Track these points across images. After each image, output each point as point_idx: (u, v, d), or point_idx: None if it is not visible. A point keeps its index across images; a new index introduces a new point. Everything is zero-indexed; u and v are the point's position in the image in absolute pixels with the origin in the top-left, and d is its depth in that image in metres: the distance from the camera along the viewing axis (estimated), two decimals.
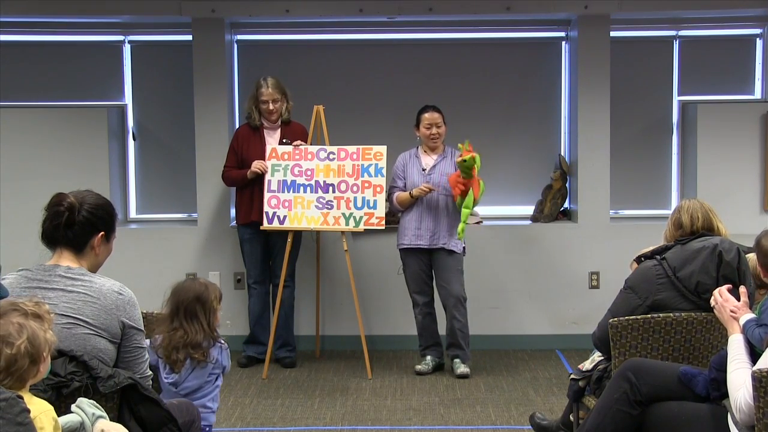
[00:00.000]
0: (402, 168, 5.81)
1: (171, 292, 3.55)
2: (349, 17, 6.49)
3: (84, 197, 2.95)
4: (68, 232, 2.90)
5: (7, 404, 2.13)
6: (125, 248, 6.43)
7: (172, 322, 3.49)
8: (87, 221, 2.92)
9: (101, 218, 2.96)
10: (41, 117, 6.49)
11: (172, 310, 3.51)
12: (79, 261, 2.93)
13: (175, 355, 3.45)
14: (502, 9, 6.32)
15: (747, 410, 2.97)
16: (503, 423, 4.88)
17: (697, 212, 3.81)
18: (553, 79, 6.76)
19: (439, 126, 5.74)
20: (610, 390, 3.47)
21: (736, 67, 6.72)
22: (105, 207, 2.99)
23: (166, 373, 3.48)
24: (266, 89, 5.87)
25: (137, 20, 6.58)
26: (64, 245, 2.92)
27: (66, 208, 2.89)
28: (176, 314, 3.50)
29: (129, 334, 2.90)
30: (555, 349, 6.38)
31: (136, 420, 2.78)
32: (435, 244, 5.69)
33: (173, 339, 3.46)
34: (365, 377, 5.74)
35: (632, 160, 6.70)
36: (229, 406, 5.18)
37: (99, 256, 3.00)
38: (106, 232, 2.99)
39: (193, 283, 3.58)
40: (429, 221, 5.69)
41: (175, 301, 3.52)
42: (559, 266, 6.46)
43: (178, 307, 3.50)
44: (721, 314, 3.38)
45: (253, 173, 5.81)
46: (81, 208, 2.91)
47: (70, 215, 2.89)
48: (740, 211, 6.26)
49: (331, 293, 6.46)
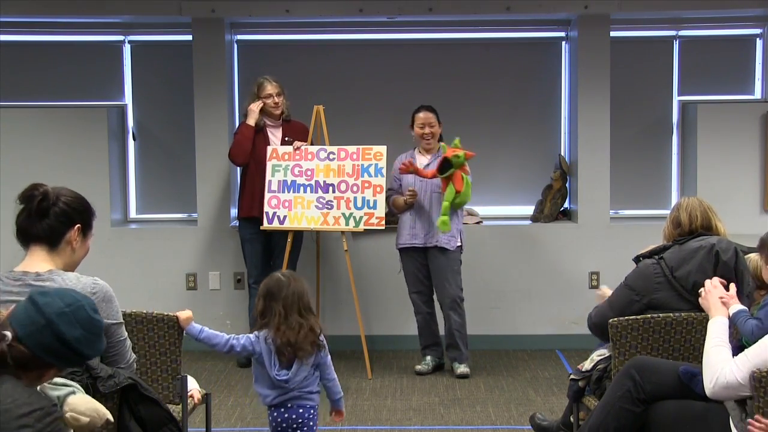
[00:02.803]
0: (398, 170, 5.82)
1: (279, 287, 3.50)
2: (349, 17, 6.49)
3: (60, 190, 2.82)
4: (43, 223, 2.76)
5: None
6: (125, 248, 6.45)
7: (299, 316, 3.48)
8: (63, 212, 2.77)
9: (77, 210, 2.82)
10: (41, 117, 6.49)
11: (293, 303, 3.48)
12: (53, 258, 2.79)
13: (306, 347, 3.46)
14: (502, 9, 6.32)
15: (735, 385, 3.07)
16: (503, 423, 4.88)
17: (696, 211, 3.81)
18: (553, 79, 6.77)
19: (432, 126, 5.73)
20: (613, 388, 3.47)
21: (736, 67, 6.72)
22: (82, 201, 2.86)
23: (277, 371, 3.48)
24: (270, 83, 5.91)
25: (137, 20, 6.59)
26: (37, 240, 2.77)
27: (40, 193, 2.75)
28: (290, 310, 3.48)
29: (109, 331, 2.79)
30: (555, 349, 6.38)
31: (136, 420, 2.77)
32: (429, 243, 5.69)
33: (297, 334, 3.45)
34: (365, 377, 5.74)
35: (632, 160, 6.70)
36: (229, 406, 5.19)
37: (76, 252, 2.84)
38: (83, 226, 2.84)
39: (298, 278, 3.59)
40: (423, 220, 5.70)
41: (294, 294, 3.50)
42: (559, 266, 6.46)
43: (300, 299, 3.50)
44: (706, 300, 3.45)
45: (253, 111, 5.84)
46: (57, 199, 2.78)
47: (44, 202, 2.75)
48: (740, 211, 6.26)
49: (331, 293, 6.46)
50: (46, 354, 2.22)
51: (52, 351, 2.22)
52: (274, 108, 5.93)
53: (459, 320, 5.74)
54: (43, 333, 2.21)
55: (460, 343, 5.75)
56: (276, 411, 3.54)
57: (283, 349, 3.46)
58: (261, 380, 3.56)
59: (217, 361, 6.12)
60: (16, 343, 2.20)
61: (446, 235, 5.64)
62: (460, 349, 5.75)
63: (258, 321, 3.55)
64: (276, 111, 5.94)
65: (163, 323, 3.56)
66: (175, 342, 3.58)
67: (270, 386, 3.52)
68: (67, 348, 2.23)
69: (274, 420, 3.56)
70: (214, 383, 5.64)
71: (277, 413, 3.54)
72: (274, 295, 3.50)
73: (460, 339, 5.74)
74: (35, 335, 2.20)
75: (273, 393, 3.52)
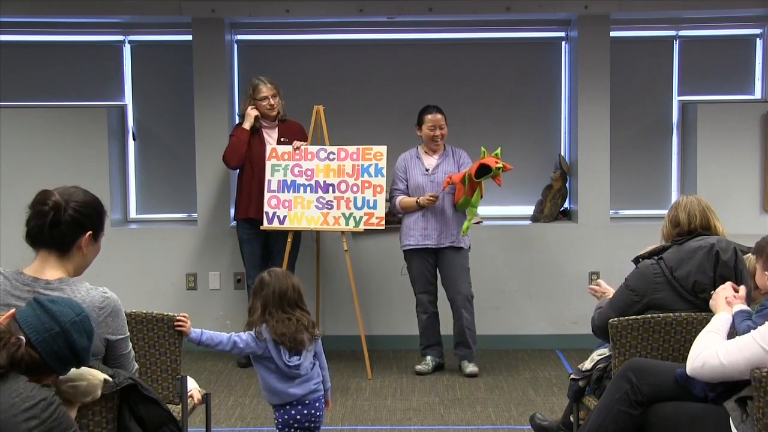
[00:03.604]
0: (403, 170, 5.80)
1: (261, 286, 3.68)
2: (349, 17, 6.49)
3: (71, 195, 2.74)
4: (53, 232, 2.69)
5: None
6: (125, 248, 6.45)
7: (283, 311, 3.64)
8: (74, 220, 2.70)
9: (89, 216, 2.75)
10: (41, 117, 6.49)
11: (274, 301, 3.65)
12: (64, 264, 2.74)
13: (301, 337, 3.61)
14: (502, 9, 6.32)
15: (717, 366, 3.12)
16: (503, 423, 4.88)
17: (695, 210, 3.81)
18: (553, 79, 6.76)
19: (442, 128, 5.72)
20: (611, 390, 3.47)
21: (736, 67, 6.72)
22: (93, 204, 2.78)
23: (288, 358, 3.61)
24: (265, 85, 5.89)
25: (137, 20, 6.59)
26: (48, 247, 2.72)
27: (51, 207, 2.68)
28: (281, 304, 3.65)
29: (114, 346, 2.78)
30: (555, 349, 6.38)
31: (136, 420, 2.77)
32: (442, 243, 5.69)
33: (290, 325, 3.62)
34: (365, 377, 5.74)
35: (632, 160, 6.70)
36: (229, 406, 5.19)
37: (86, 257, 2.80)
38: (94, 231, 2.78)
39: (283, 276, 3.74)
40: (436, 221, 5.69)
41: (274, 292, 3.66)
42: (559, 266, 6.46)
43: (281, 297, 3.66)
44: (714, 300, 3.47)
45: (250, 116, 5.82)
46: (67, 207, 2.69)
47: (55, 215, 2.68)
48: (740, 211, 6.26)
49: (331, 293, 6.46)
50: (54, 360, 2.27)
51: (61, 358, 2.29)
52: (270, 110, 5.92)
53: (470, 318, 5.75)
54: (56, 340, 2.27)
55: (470, 341, 5.76)
56: (293, 409, 3.63)
57: (283, 339, 3.60)
58: (271, 380, 3.62)
59: (217, 361, 6.12)
60: (29, 348, 2.22)
61: (459, 235, 5.66)
62: (470, 347, 5.77)
63: (249, 316, 3.72)
64: (272, 113, 5.94)
65: (163, 323, 3.56)
66: (175, 342, 3.58)
67: (283, 379, 3.61)
68: (74, 356, 2.31)
69: (292, 418, 3.63)
70: (214, 383, 5.64)
71: (294, 411, 3.63)
72: (257, 293, 3.69)
73: (470, 337, 5.76)
74: (49, 342, 2.25)
75: (287, 386, 3.61)
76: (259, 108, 5.91)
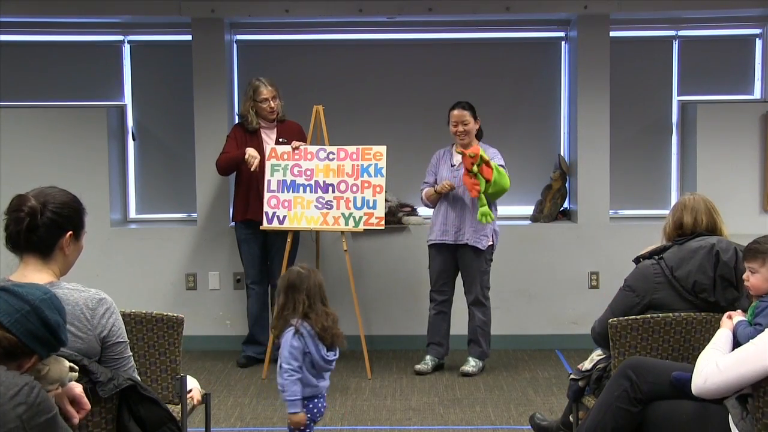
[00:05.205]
0: (435, 164, 5.85)
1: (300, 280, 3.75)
2: (349, 17, 6.49)
3: (47, 196, 2.69)
4: (32, 237, 2.66)
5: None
6: (125, 248, 6.45)
7: (323, 305, 3.77)
8: (52, 222, 2.67)
9: (68, 217, 2.71)
10: (41, 117, 6.49)
11: (316, 294, 3.75)
12: (49, 266, 2.71)
13: (339, 332, 3.77)
14: (501, 9, 6.32)
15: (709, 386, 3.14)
16: (503, 423, 4.88)
17: (701, 214, 3.80)
18: (553, 79, 6.77)
19: (466, 123, 5.69)
20: (610, 388, 3.47)
21: (736, 67, 6.72)
22: (71, 204, 2.74)
23: (326, 352, 3.74)
24: (265, 87, 5.88)
25: (137, 20, 6.58)
26: (29, 251, 2.68)
27: (27, 212, 2.64)
28: (314, 300, 3.75)
29: (110, 348, 2.76)
30: (555, 349, 6.38)
31: (136, 420, 2.76)
32: (460, 240, 5.70)
33: (327, 320, 3.74)
34: (365, 377, 5.74)
35: (632, 160, 6.70)
36: (229, 406, 5.19)
37: (69, 257, 2.76)
38: (75, 231, 2.74)
39: (315, 271, 3.85)
40: (454, 217, 5.70)
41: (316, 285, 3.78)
42: (558, 266, 6.46)
43: (311, 293, 3.76)
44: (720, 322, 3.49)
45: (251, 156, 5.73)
46: (44, 210, 2.65)
47: (32, 220, 2.64)
48: (740, 211, 6.26)
49: (331, 293, 6.35)
50: (32, 340, 2.27)
51: (38, 336, 2.28)
52: (270, 113, 5.92)
53: (483, 318, 5.78)
54: (29, 318, 2.26)
55: (481, 340, 5.78)
56: (311, 402, 3.76)
57: (324, 334, 3.70)
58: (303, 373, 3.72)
59: (217, 361, 6.12)
60: (3, 331, 2.23)
61: (477, 234, 5.63)
62: (481, 346, 5.79)
63: (281, 314, 3.76)
64: (272, 116, 5.93)
65: (162, 323, 3.56)
66: (174, 342, 3.58)
67: (315, 374, 3.73)
68: (50, 333, 2.30)
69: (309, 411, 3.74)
70: (214, 383, 5.64)
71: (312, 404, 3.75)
72: (296, 287, 3.74)
73: (481, 336, 5.78)
74: (22, 321, 2.26)
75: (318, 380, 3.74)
76: (259, 110, 5.91)
